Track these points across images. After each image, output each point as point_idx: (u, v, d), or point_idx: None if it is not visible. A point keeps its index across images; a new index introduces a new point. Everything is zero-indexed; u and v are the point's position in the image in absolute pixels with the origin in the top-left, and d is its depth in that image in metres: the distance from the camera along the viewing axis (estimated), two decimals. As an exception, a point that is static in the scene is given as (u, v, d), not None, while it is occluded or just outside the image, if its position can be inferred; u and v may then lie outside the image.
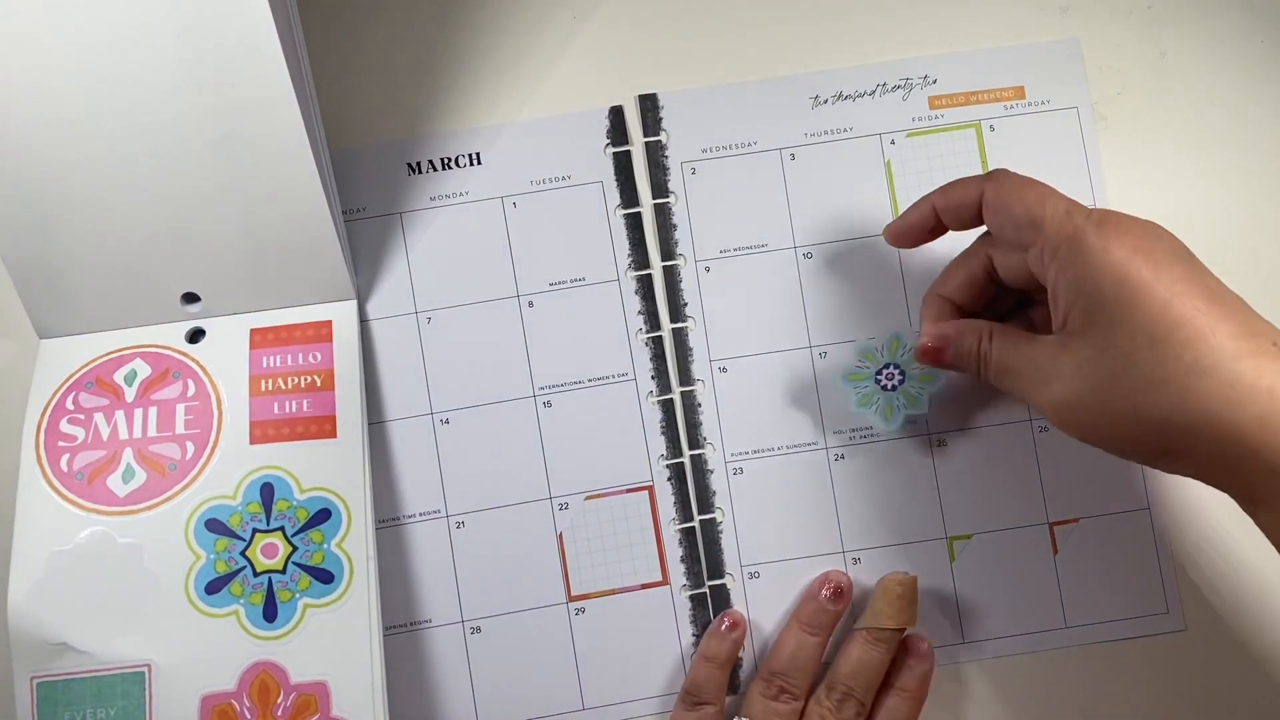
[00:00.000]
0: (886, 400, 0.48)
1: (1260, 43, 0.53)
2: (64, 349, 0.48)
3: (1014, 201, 0.40)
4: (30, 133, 0.43)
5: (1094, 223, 0.37)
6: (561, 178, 0.51)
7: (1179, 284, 0.35)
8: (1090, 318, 0.37)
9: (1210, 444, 0.34)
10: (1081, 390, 0.37)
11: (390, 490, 0.49)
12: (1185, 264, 0.36)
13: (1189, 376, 0.34)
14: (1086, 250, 0.37)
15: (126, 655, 0.44)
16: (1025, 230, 0.39)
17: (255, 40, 0.41)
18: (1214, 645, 0.49)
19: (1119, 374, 0.36)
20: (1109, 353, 0.36)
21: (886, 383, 0.48)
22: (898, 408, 0.48)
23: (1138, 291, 0.35)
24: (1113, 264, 0.36)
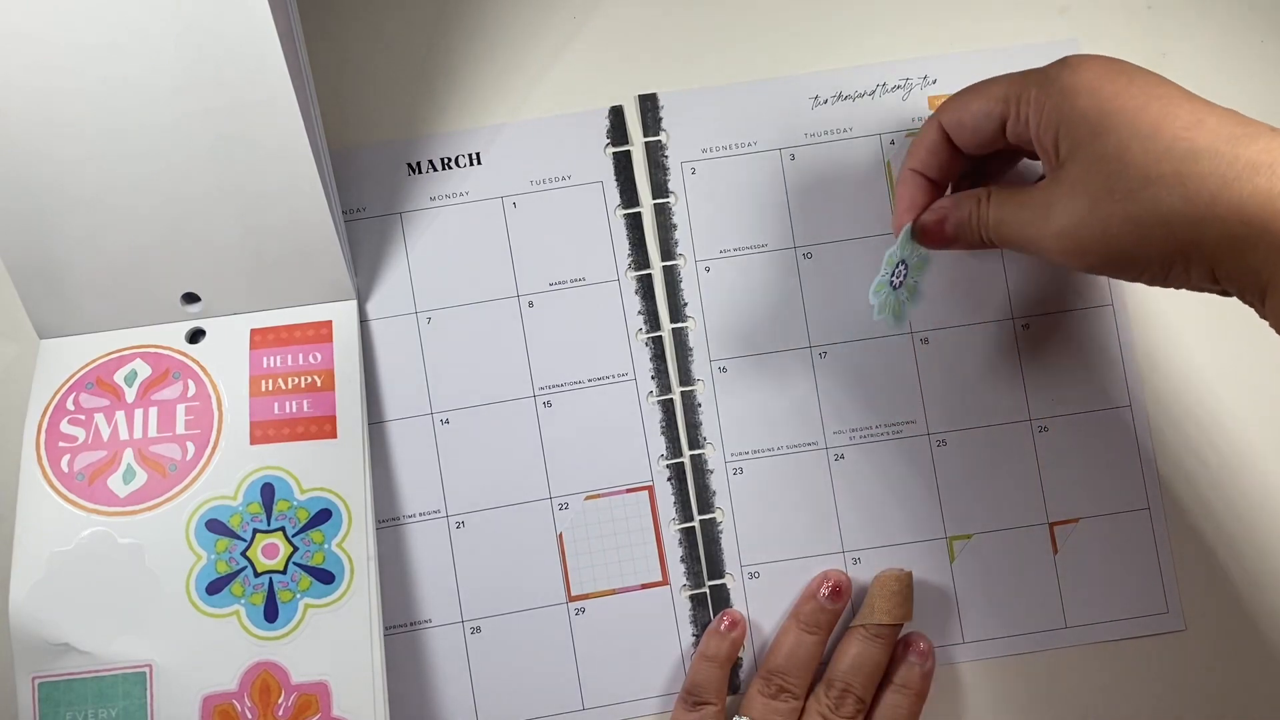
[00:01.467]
0: (895, 301, 0.47)
1: (1260, 43, 0.53)
2: (64, 349, 0.48)
3: (970, 101, 0.42)
4: (31, 133, 0.43)
5: (1054, 65, 0.38)
6: (561, 178, 0.51)
7: (1155, 87, 0.36)
8: (1075, 140, 0.37)
9: (1215, 230, 0.33)
10: (1080, 209, 0.36)
11: (390, 490, 0.49)
12: (1154, 77, 0.36)
13: (1185, 163, 0.34)
14: (1055, 84, 0.38)
15: (128, 655, 0.44)
16: (994, 112, 0.40)
17: (255, 40, 0.41)
18: (1214, 645, 0.49)
19: (1114, 180, 0.35)
20: (1100, 163, 0.36)
21: (895, 280, 0.47)
22: (903, 302, 0.47)
23: (1116, 99, 0.36)
24: (1084, 83, 0.37)
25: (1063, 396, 0.50)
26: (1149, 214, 0.34)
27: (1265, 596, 0.49)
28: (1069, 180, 0.37)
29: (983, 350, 0.51)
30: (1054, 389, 0.50)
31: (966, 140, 0.43)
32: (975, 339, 0.50)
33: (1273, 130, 0.34)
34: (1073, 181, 0.37)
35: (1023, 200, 0.40)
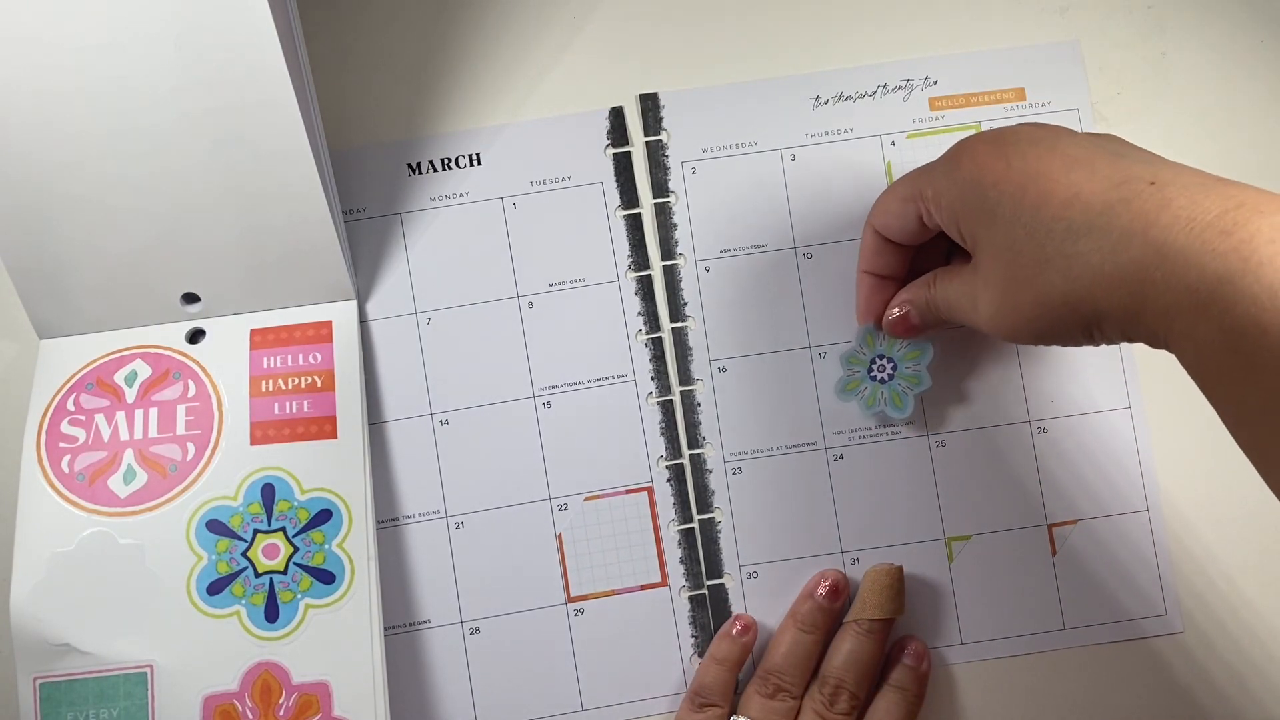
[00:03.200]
0: (890, 390, 0.48)
1: (1260, 43, 0.53)
2: (64, 349, 0.48)
3: (888, 204, 0.44)
4: (31, 133, 0.43)
5: (948, 154, 0.40)
6: (561, 178, 0.51)
7: (1033, 164, 0.36)
8: (974, 232, 0.38)
9: (1108, 301, 0.34)
10: (995, 297, 0.38)
11: (389, 491, 0.49)
12: (1038, 144, 0.37)
13: (1066, 243, 0.34)
14: (948, 177, 0.39)
15: (129, 656, 0.44)
16: (909, 214, 0.42)
17: (255, 40, 0.41)
18: (1211, 647, 0.49)
19: (1013, 268, 0.36)
20: (999, 252, 0.37)
21: (880, 375, 0.48)
22: (903, 392, 0.48)
23: (997, 186, 0.37)
24: (969, 174, 0.38)
25: (1062, 397, 0.50)
26: (1050, 296, 0.35)
27: (1263, 599, 0.49)
28: (982, 269, 0.39)
29: (982, 350, 0.51)
30: (1053, 389, 0.50)
31: (898, 237, 0.44)
32: (975, 340, 0.50)
33: (1150, 185, 0.33)
34: (985, 271, 0.38)
35: (957, 285, 0.41)
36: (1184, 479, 0.50)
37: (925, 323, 0.45)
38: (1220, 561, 0.50)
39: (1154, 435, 0.50)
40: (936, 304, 0.43)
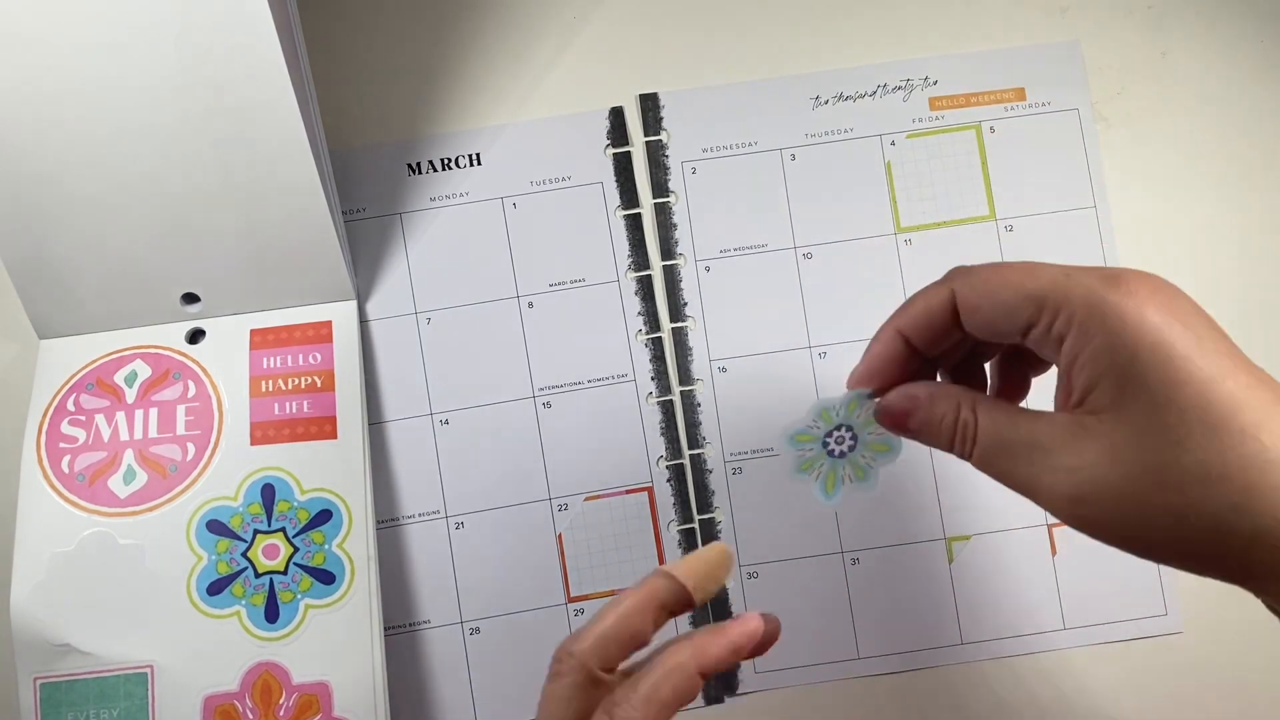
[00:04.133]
0: (831, 467, 0.38)
1: (1260, 43, 0.53)
2: (64, 349, 0.48)
3: (997, 286, 0.33)
4: (31, 133, 0.43)
5: (1107, 282, 0.31)
6: (561, 178, 0.51)
7: (1224, 358, 0.30)
8: (1122, 393, 0.30)
9: (1271, 550, 0.29)
10: (1113, 480, 0.30)
11: (389, 491, 0.49)
12: (1218, 332, 0.30)
13: (1253, 471, 0.28)
14: (1113, 314, 0.30)
15: (129, 656, 0.44)
16: (1021, 311, 0.32)
17: (255, 40, 0.41)
18: (1211, 647, 0.49)
19: (1167, 463, 0.29)
20: (1151, 437, 0.29)
21: (835, 447, 0.38)
22: (841, 479, 0.38)
23: (1183, 364, 0.29)
24: (1150, 330, 0.30)
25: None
26: (1200, 512, 0.29)
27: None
28: (1103, 441, 0.30)
29: (982, 351, 0.51)
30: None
31: (977, 326, 0.34)
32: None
33: None
34: (1109, 445, 0.30)
35: (1027, 434, 0.32)
36: (1184, 479, 0.50)
37: (922, 436, 0.36)
38: (1220, 561, 0.50)
39: (1154, 435, 0.50)
40: (968, 440, 0.34)
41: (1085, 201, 0.51)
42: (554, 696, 0.34)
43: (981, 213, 0.51)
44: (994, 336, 0.34)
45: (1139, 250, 0.51)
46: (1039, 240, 0.51)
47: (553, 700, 0.34)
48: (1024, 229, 0.51)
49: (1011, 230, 0.51)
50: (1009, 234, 0.51)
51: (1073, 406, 0.32)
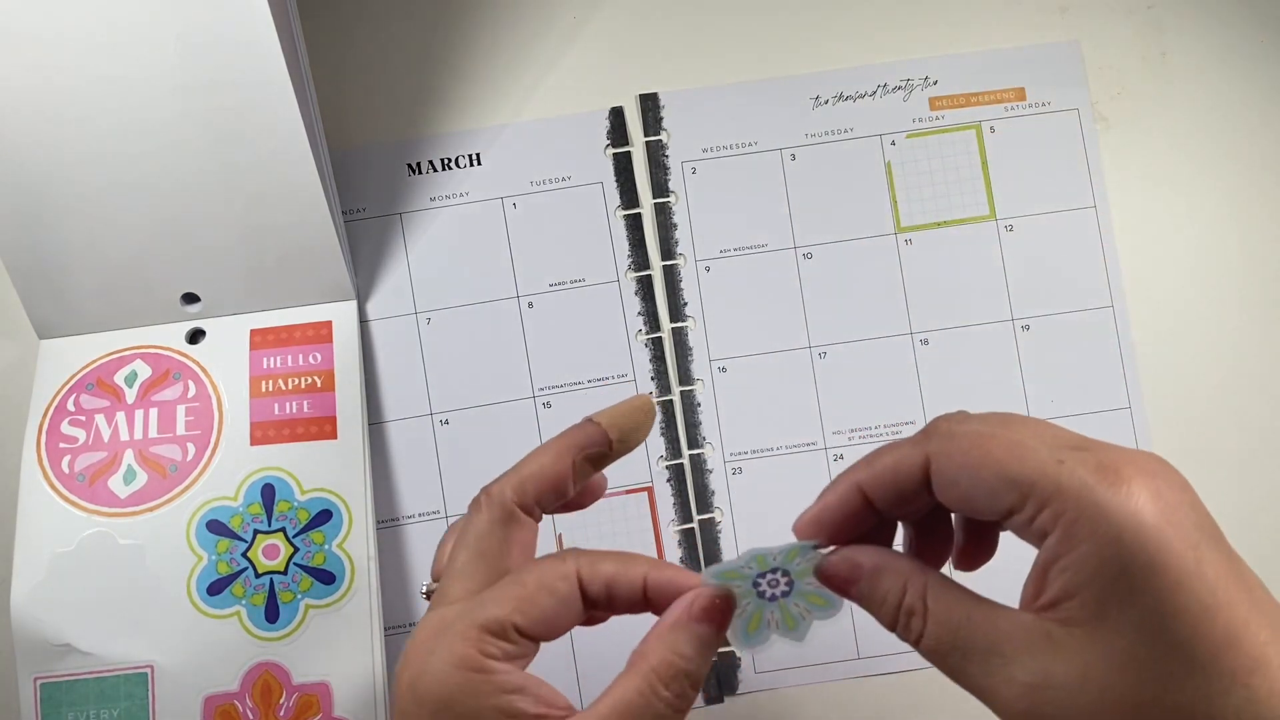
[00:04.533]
0: (757, 609, 0.33)
1: (1260, 43, 0.53)
2: (64, 349, 0.48)
3: (979, 462, 0.29)
4: (31, 133, 0.43)
5: (1104, 478, 0.27)
6: (561, 178, 0.51)
7: (1223, 581, 0.26)
8: (1103, 611, 0.27)
9: None
10: (1081, 704, 0.27)
11: (390, 491, 0.49)
12: (1218, 544, 0.27)
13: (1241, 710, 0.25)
14: (1105, 521, 0.26)
15: (129, 656, 0.44)
16: (1003, 497, 0.28)
17: (255, 40, 0.41)
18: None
19: (1142, 702, 0.26)
20: (1131, 670, 0.26)
21: (769, 590, 0.33)
22: (768, 624, 0.33)
23: (1177, 592, 0.26)
24: (1146, 545, 0.26)
25: (1062, 397, 0.50)
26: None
27: (1263, 598, 0.49)
28: (1072, 660, 0.27)
29: (983, 350, 0.51)
30: (1054, 389, 0.50)
31: (952, 501, 0.30)
32: (975, 339, 0.51)
33: None
34: (1080, 666, 0.27)
35: (984, 635, 0.29)
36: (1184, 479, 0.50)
37: (862, 604, 0.32)
38: (1220, 561, 0.50)
39: (1153, 434, 0.50)
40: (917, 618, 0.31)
41: (1085, 201, 0.51)
42: (474, 530, 0.33)
43: (981, 213, 0.51)
44: (969, 513, 0.30)
45: (1139, 250, 0.51)
46: (1039, 240, 0.51)
47: (473, 534, 0.33)
48: (1024, 229, 0.51)
49: (1011, 230, 0.51)
50: (1009, 234, 0.51)
51: (1041, 608, 0.28)
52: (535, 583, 0.31)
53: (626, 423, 0.35)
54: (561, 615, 0.32)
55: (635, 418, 0.35)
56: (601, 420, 0.35)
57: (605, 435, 0.34)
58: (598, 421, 0.35)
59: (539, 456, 0.35)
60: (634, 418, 0.35)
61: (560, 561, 0.32)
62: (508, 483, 0.34)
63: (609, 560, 0.33)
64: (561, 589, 0.32)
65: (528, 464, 0.34)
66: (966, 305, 0.51)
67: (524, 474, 0.34)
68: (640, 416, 0.35)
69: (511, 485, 0.34)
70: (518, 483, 0.34)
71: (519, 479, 0.34)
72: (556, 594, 0.32)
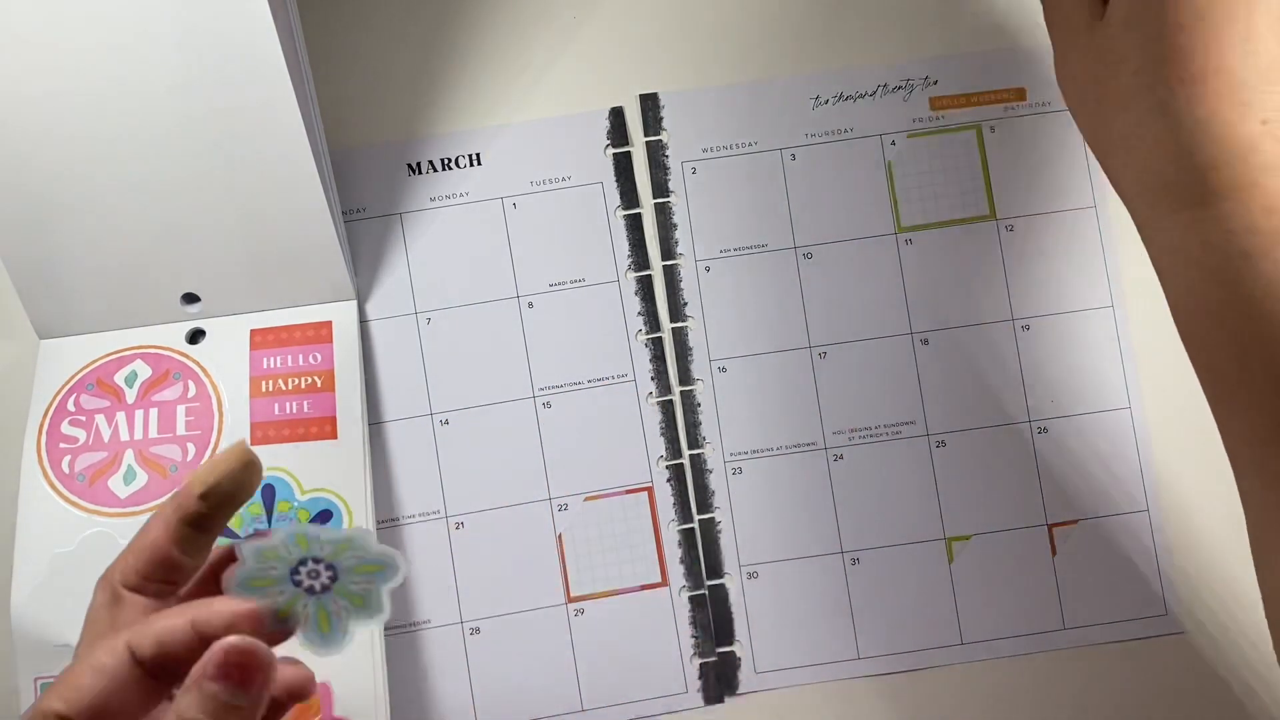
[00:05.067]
0: (318, 606, 0.30)
1: (1262, 43, 0.53)
2: (64, 349, 0.48)
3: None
4: (31, 133, 0.43)
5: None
6: (561, 178, 0.51)
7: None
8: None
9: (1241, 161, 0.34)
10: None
11: (389, 491, 0.49)
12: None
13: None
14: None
15: (128, 656, 0.44)
16: None
17: (255, 40, 0.41)
18: (1212, 648, 0.49)
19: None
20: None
21: (313, 583, 0.30)
22: (336, 615, 0.30)
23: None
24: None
25: (1063, 397, 0.50)
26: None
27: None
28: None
29: (983, 350, 0.51)
30: (1054, 390, 0.50)
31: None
32: (975, 339, 0.51)
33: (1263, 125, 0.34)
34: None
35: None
36: (1184, 479, 0.50)
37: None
38: (1220, 561, 0.50)
39: (1154, 435, 0.50)
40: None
41: (1085, 201, 0.51)
42: (88, 615, 0.32)
43: (982, 212, 0.51)
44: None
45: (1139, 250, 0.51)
46: (1039, 240, 0.51)
47: (88, 619, 0.32)
48: (1024, 229, 0.51)
49: (1012, 230, 0.51)
50: (1009, 234, 0.51)
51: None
52: (84, 665, 0.29)
53: (211, 475, 0.31)
54: (112, 693, 0.28)
55: (220, 467, 0.31)
56: (187, 478, 0.31)
57: (188, 496, 0.31)
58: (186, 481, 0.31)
59: (146, 529, 0.32)
60: (218, 467, 0.31)
61: (112, 637, 0.29)
62: (116, 562, 0.32)
63: (159, 617, 0.29)
64: (108, 665, 0.28)
65: (135, 538, 0.32)
66: (966, 305, 0.51)
67: (129, 550, 0.32)
68: (226, 464, 0.31)
69: (119, 565, 0.32)
70: (123, 561, 0.32)
71: (124, 557, 0.32)
72: (103, 672, 0.28)
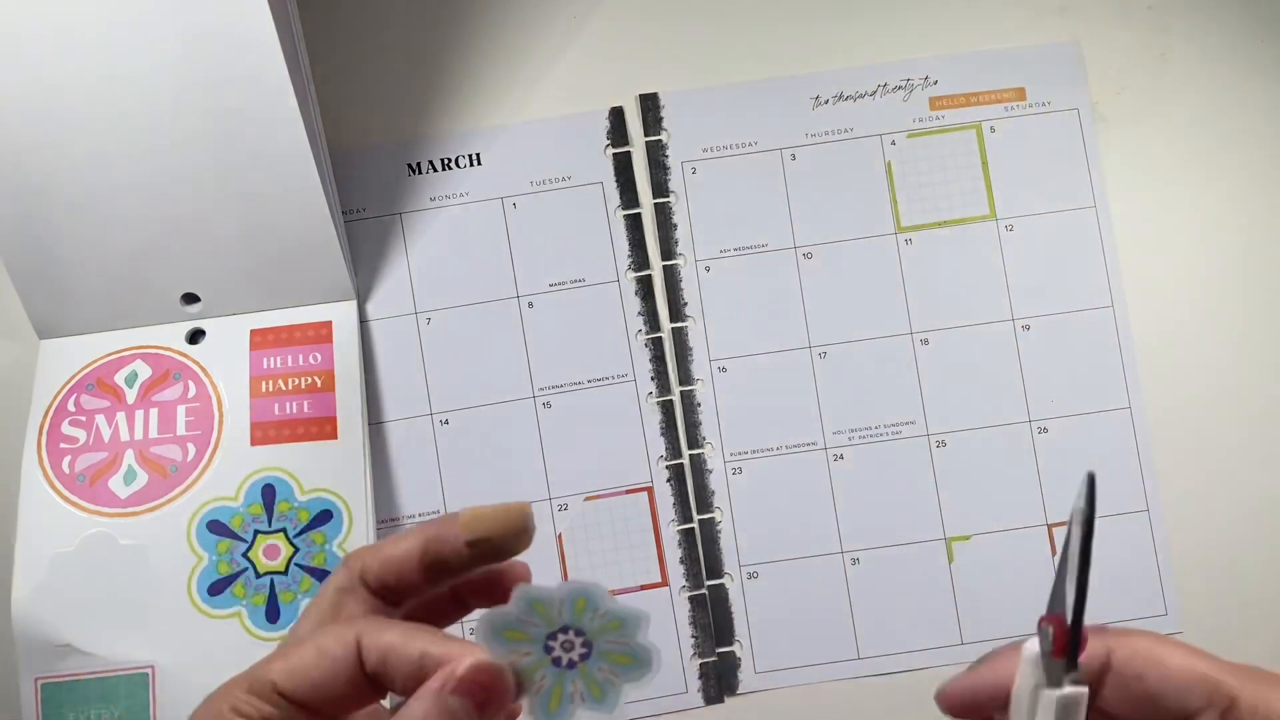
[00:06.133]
0: (556, 680, 0.29)
1: (1260, 43, 0.53)
2: (64, 349, 0.48)
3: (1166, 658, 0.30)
4: (31, 133, 0.43)
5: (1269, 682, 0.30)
6: (561, 178, 0.51)
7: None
8: None
9: None
10: None
11: (389, 491, 0.49)
12: None
13: None
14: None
15: (130, 656, 0.44)
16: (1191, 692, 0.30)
17: (255, 40, 0.41)
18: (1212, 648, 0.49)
19: None
20: None
21: (563, 655, 0.29)
22: (570, 697, 0.29)
23: None
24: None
25: (1063, 397, 0.50)
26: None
27: (1263, 599, 0.49)
28: None
29: (983, 350, 0.51)
30: (1054, 389, 0.50)
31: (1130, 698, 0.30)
32: (975, 339, 0.51)
33: None
34: None
35: None
36: (1184, 478, 0.50)
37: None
38: (1220, 562, 0.50)
39: (1154, 435, 0.50)
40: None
41: (1085, 201, 0.51)
42: (321, 592, 0.31)
43: (982, 212, 0.51)
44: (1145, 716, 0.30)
45: (1139, 250, 0.51)
46: (1039, 240, 0.51)
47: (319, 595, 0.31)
48: (1024, 229, 0.51)
49: (1011, 230, 0.51)
50: (1009, 234, 0.51)
51: None
52: (312, 645, 0.29)
53: (483, 526, 0.30)
54: (331, 682, 0.28)
55: (498, 525, 0.30)
56: (462, 515, 0.30)
57: (454, 531, 0.30)
58: (459, 515, 0.30)
59: (402, 540, 0.31)
60: (496, 525, 0.30)
61: (347, 626, 0.29)
62: (364, 552, 0.31)
63: (395, 630, 0.29)
64: (335, 652, 0.28)
65: (389, 543, 0.31)
66: (966, 305, 0.51)
67: (379, 550, 0.31)
68: (504, 522, 0.30)
69: (364, 558, 0.31)
70: (369, 557, 0.31)
71: (372, 552, 0.31)
72: (328, 657, 0.28)
